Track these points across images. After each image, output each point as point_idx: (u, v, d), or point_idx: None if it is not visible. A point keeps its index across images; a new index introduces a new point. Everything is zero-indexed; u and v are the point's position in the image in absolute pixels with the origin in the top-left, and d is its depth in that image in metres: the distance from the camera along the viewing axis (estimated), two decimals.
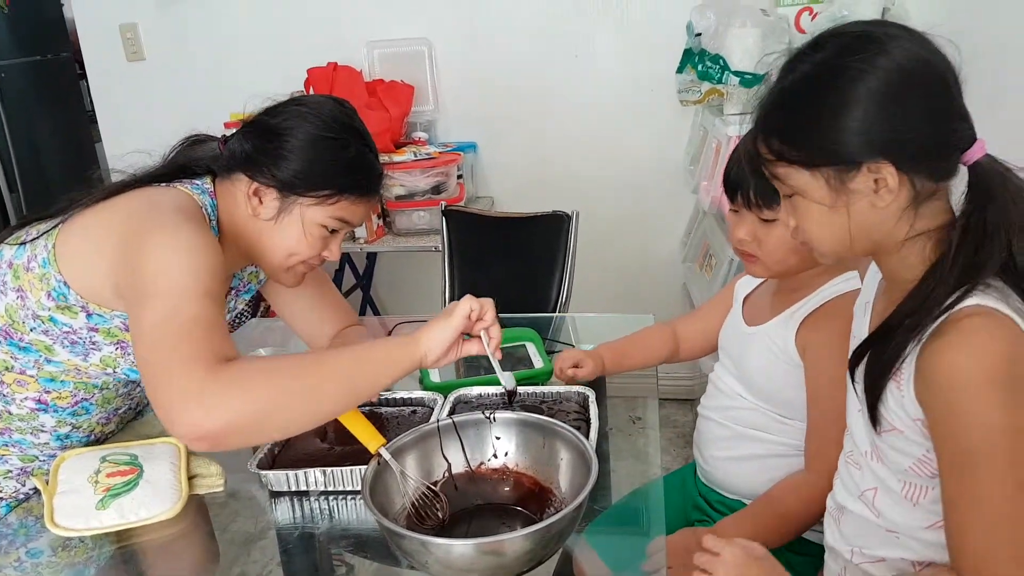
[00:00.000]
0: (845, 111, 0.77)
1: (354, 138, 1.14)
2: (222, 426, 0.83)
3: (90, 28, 2.84)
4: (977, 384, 0.74)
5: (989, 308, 0.76)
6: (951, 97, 0.78)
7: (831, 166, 0.79)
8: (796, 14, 2.13)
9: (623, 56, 2.49)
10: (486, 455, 1.08)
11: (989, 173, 0.78)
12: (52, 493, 1.07)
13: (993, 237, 0.77)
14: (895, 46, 0.77)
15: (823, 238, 0.84)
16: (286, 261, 1.16)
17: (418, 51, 2.61)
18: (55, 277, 1.06)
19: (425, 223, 2.43)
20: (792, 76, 0.81)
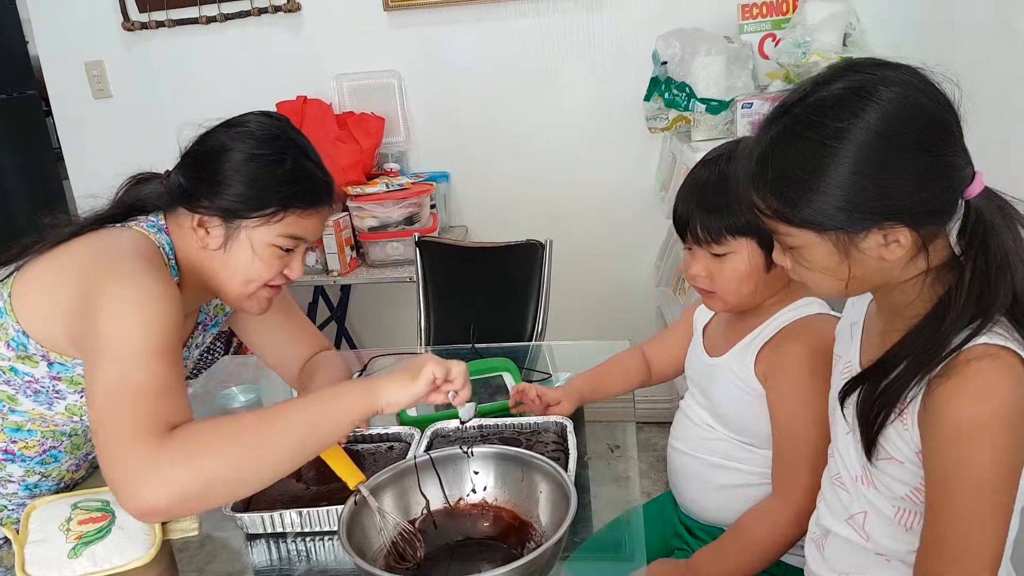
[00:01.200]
0: (848, 175, 0.74)
1: (289, 149, 1.10)
2: (169, 501, 0.83)
3: (56, 66, 2.82)
4: (982, 429, 0.75)
5: (997, 347, 0.76)
6: (955, 144, 0.77)
7: (840, 231, 0.77)
8: (759, 41, 2.18)
9: (591, 85, 2.52)
10: (464, 490, 1.08)
11: (989, 207, 0.77)
12: (23, 542, 1.04)
13: (1000, 272, 0.76)
14: (891, 96, 0.74)
15: (822, 285, 0.84)
16: (245, 288, 1.12)
17: (387, 83, 2.62)
18: (13, 327, 1.04)
19: (399, 254, 2.42)
20: (783, 129, 0.77)
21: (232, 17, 2.63)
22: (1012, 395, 0.75)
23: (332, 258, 2.38)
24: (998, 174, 1.07)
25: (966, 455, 0.76)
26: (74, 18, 2.73)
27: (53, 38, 2.79)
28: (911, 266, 0.79)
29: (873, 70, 0.77)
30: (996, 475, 0.76)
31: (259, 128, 1.10)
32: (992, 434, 0.75)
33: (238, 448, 0.87)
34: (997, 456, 0.76)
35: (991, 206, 0.78)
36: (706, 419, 1.22)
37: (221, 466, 0.86)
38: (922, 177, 0.74)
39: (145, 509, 0.83)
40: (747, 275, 1.10)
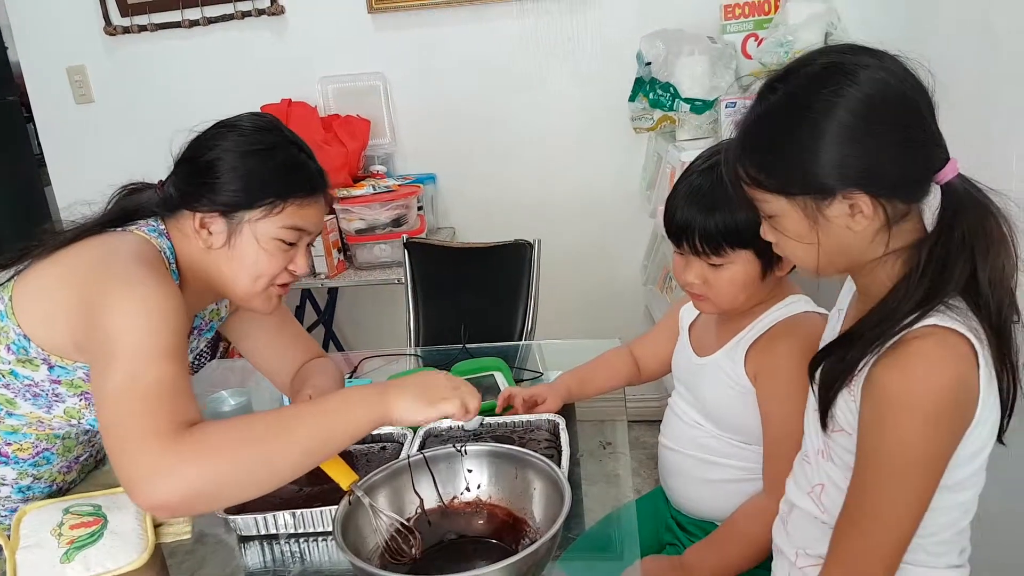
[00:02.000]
0: (818, 144, 0.78)
1: (281, 142, 1.12)
2: (180, 498, 0.84)
3: (37, 71, 2.80)
4: (911, 407, 0.78)
5: (945, 328, 0.78)
6: (924, 123, 0.80)
7: (807, 195, 0.81)
8: (742, 40, 2.20)
9: (576, 86, 2.53)
10: (458, 489, 1.08)
11: (961, 193, 0.80)
12: (14, 548, 1.04)
13: (958, 256, 0.79)
14: (866, 76, 0.78)
15: (801, 256, 0.87)
16: (253, 286, 1.13)
17: (372, 85, 2.62)
18: (14, 330, 1.04)
19: (387, 256, 2.42)
20: (766, 104, 0.83)
21: (215, 21, 2.62)
22: (948, 377, 0.77)
23: (319, 261, 2.37)
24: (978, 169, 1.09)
25: (892, 430, 0.78)
26: (55, 23, 2.71)
27: (34, 43, 2.76)
28: (878, 241, 0.82)
29: (852, 52, 0.82)
30: (920, 454, 0.78)
31: (250, 125, 1.11)
32: (921, 413, 0.77)
33: (252, 450, 0.87)
34: (922, 435, 0.78)
35: (965, 193, 0.80)
36: (695, 416, 1.23)
37: (234, 467, 0.86)
38: (886, 150, 0.78)
39: (158, 504, 0.84)
40: (743, 284, 1.11)
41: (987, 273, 0.79)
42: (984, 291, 0.79)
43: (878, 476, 0.80)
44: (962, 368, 0.78)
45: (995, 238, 0.80)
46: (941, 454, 0.79)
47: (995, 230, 0.80)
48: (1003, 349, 0.81)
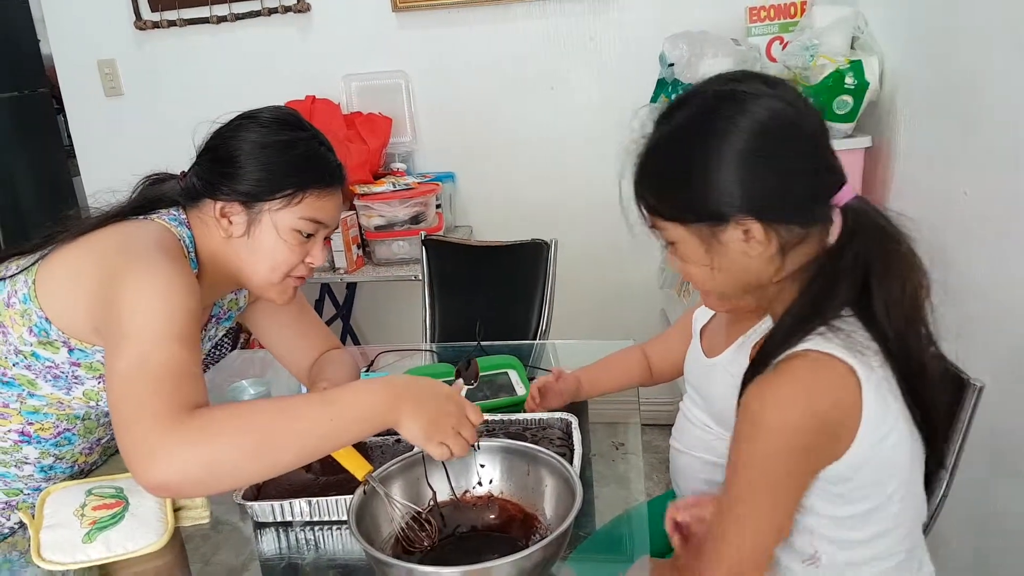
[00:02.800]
0: (709, 171, 0.79)
1: (301, 135, 1.13)
2: (183, 478, 0.85)
3: (68, 64, 2.85)
4: (769, 431, 0.77)
5: (819, 353, 0.78)
6: (815, 150, 0.81)
7: (701, 222, 0.82)
8: (767, 43, 2.19)
9: (598, 87, 2.54)
10: (471, 483, 1.09)
11: (859, 216, 0.80)
12: (38, 527, 1.06)
13: (844, 278, 0.79)
14: (757, 104, 0.79)
15: (702, 283, 0.88)
16: (271, 276, 1.15)
17: (395, 83, 2.64)
18: (36, 313, 1.06)
19: (404, 253, 2.44)
20: (660, 133, 0.84)
21: (243, 17, 2.65)
22: (815, 402, 0.76)
23: (339, 256, 2.40)
24: (1008, 178, 1.07)
25: (748, 448, 0.79)
26: (87, 17, 2.76)
27: (66, 37, 2.82)
28: (776, 266, 0.82)
29: (744, 80, 0.82)
30: (774, 475, 0.78)
31: (271, 116, 1.13)
32: (781, 436, 0.77)
33: (252, 437, 0.88)
34: (781, 458, 0.78)
35: (864, 215, 0.80)
36: (704, 419, 1.23)
37: (234, 453, 0.87)
38: (776, 177, 0.79)
39: (158, 483, 0.85)
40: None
41: (884, 296, 0.78)
42: (880, 313, 0.79)
43: (735, 492, 0.81)
44: (835, 393, 0.77)
45: (895, 260, 0.80)
46: (797, 477, 0.79)
47: (895, 252, 0.80)
48: (905, 371, 0.80)
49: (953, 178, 1.63)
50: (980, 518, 1.51)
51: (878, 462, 0.82)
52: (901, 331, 0.79)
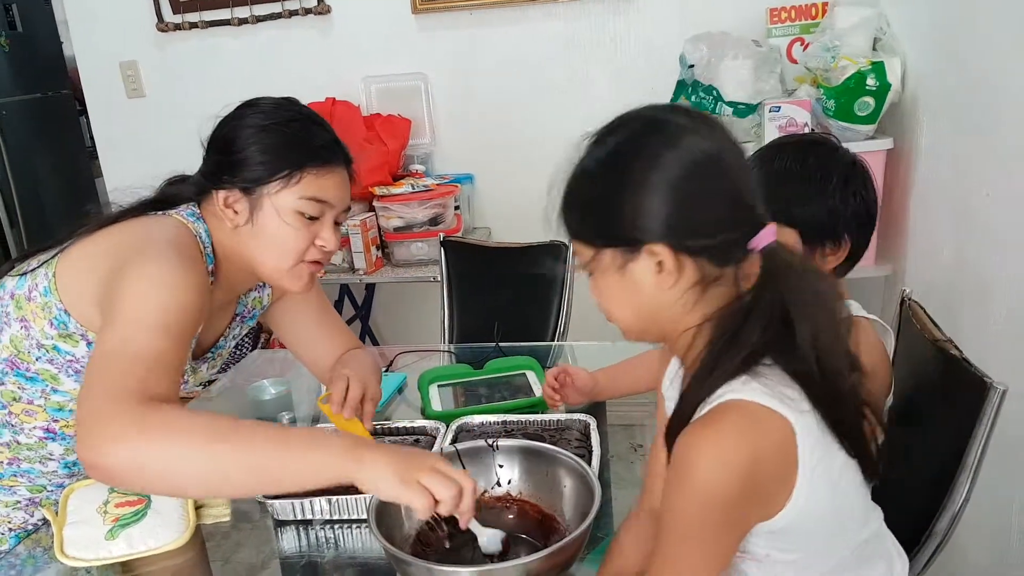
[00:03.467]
0: (627, 196, 0.78)
1: (295, 116, 1.12)
2: (114, 464, 0.83)
3: (91, 65, 2.89)
4: (694, 487, 0.75)
5: (754, 404, 0.76)
6: (733, 187, 0.80)
7: (616, 247, 0.81)
8: (788, 45, 2.18)
9: (617, 88, 2.53)
10: (490, 483, 1.09)
11: (777, 259, 0.79)
12: (61, 524, 1.07)
13: (758, 322, 0.77)
14: (684, 138, 0.79)
15: (616, 314, 0.86)
16: (281, 262, 1.13)
17: (414, 85, 2.65)
18: (56, 305, 1.07)
19: (423, 254, 2.45)
20: (588, 156, 0.84)
21: (263, 19, 2.67)
22: (745, 457, 0.74)
23: (358, 257, 2.41)
24: None
25: (679, 499, 0.77)
26: (110, 19, 2.80)
27: (89, 38, 2.85)
28: (689, 305, 0.80)
29: (672, 112, 0.83)
30: (704, 529, 0.76)
31: (268, 102, 1.13)
32: (712, 492, 0.75)
33: (204, 451, 0.85)
34: (706, 512, 0.76)
35: (781, 260, 0.79)
36: None
37: (179, 459, 0.84)
38: (692, 208, 0.78)
39: (98, 463, 0.83)
40: None
41: (807, 338, 0.77)
42: (805, 356, 0.77)
43: (667, 541, 0.79)
44: (762, 442, 0.75)
45: (814, 303, 0.78)
46: (732, 525, 0.77)
47: (814, 295, 0.79)
48: (836, 414, 0.78)
49: (975, 180, 1.61)
50: (1001, 527, 1.49)
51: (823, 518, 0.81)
52: (828, 372, 0.77)
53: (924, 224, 1.91)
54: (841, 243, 1.11)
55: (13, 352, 1.10)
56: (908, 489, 1.06)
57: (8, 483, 1.18)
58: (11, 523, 1.19)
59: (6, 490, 1.18)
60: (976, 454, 1.03)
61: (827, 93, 1.99)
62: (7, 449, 1.16)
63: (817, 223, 1.08)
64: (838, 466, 0.79)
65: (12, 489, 1.18)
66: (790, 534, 0.80)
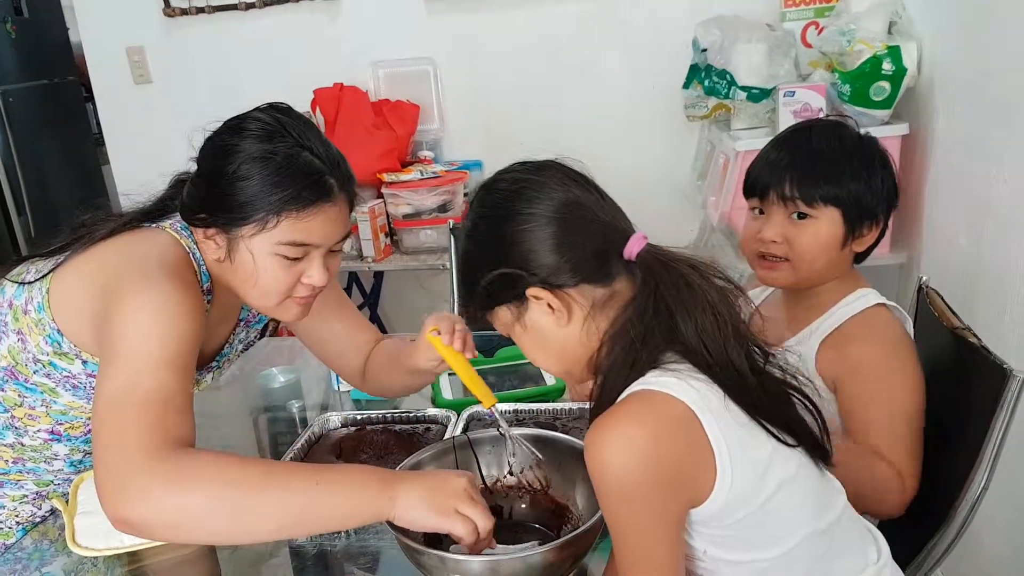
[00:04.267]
0: (487, 256, 0.85)
1: (280, 145, 0.99)
2: (147, 518, 0.82)
3: (97, 52, 2.87)
4: (610, 477, 0.76)
5: (638, 391, 0.78)
6: (589, 213, 0.84)
7: (505, 304, 0.85)
8: (802, 29, 2.15)
9: (628, 73, 2.51)
10: (502, 472, 1.08)
11: (650, 262, 0.82)
12: (72, 514, 1.07)
13: (649, 323, 0.80)
14: (524, 185, 0.86)
15: (541, 362, 0.91)
16: (264, 301, 1.06)
17: (423, 70, 2.63)
18: (49, 324, 1.03)
19: (432, 241, 2.44)
20: (471, 216, 0.89)
21: (270, 4, 2.65)
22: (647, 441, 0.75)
23: (367, 244, 2.40)
24: None
25: (601, 497, 0.79)
26: (116, 4, 2.78)
27: (95, 24, 2.84)
28: (591, 329, 0.83)
29: (526, 169, 0.89)
30: (635, 519, 0.77)
31: (255, 127, 1.01)
32: (625, 482, 0.76)
33: (233, 492, 0.83)
34: (629, 504, 0.77)
35: (655, 260, 0.82)
36: None
37: (209, 505, 0.83)
38: (551, 244, 0.82)
39: (125, 519, 0.82)
40: (826, 245, 1.10)
41: (693, 331, 0.79)
42: (696, 349, 0.79)
43: (617, 540, 0.80)
44: (661, 423, 0.76)
45: (694, 296, 0.80)
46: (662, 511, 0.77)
47: (694, 288, 0.81)
48: (746, 400, 0.78)
49: (992, 166, 1.59)
50: (1018, 515, 1.48)
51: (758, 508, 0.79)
52: (724, 360, 0.79)
53: (940, 211, 1.89)
54: (877, 222, 1.12)
55: (11, 362, 1.07)
56: (925, 478, 1.06)
57: (15, 478, 1.17)
58: (19, 517, 1.18)
59: (13, 484, 1.17)
60: (995, 443, 1.02)
61: (842, 78, 1.96)
62: (11, 450, 1.14)
63: (858, 202, 1.09)
64: (766, 455, 0.79)
65: (19, 484, 1.17)
66: (729, 526, 0.79)
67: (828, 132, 1.14)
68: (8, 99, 4.26)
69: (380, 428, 1.29)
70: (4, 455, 1.14)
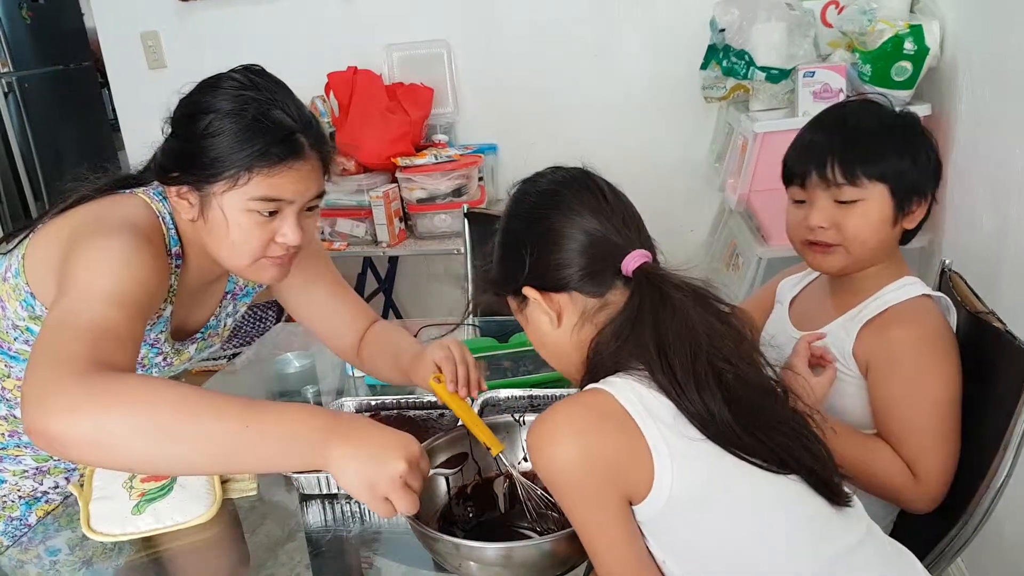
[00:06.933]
0: (504, 250, 0.91)
1: (251, 103, 1.00)
2: (62, 435, 0.77)
3: (112, 37, 2.87)
4: (550, 472, 0.81)
5: (592, 389, 0.81)
6: (600, 237, 0.85)
7: (511, 294, 0.90)
8: (822, 8, 2.11)
9: (645, 54, 2.47)
10: (517, 458, 1.07)
11: (641, 281, 0.83)
12: (88, 499, 1.08)
13: (626, 337, 0.82)
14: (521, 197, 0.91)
15: (541, 353, 0.93)
16: (237, 260, 1.05)
17: (437, 53, 2.61)
18: (24, 288, 1.04)
19: (446, 226, 2.43)
20: (506, 205, 0.94)
21: None
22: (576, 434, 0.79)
23: (381, 229, 2.39)
24: None
25: (554, 492, 0.82)
26: None
27: (109, 9, 2.84)
28: (579, 332, 0.86)
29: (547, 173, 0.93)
30: (586, 510, 0.80)
31: (229, 84, 1.01)
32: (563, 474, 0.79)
33: (156, 415, 0.79)
34: (575, 494, 0.80)
35: (650, 276, 0.83)
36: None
37: (128, 425, 0.78)
38: (552, 252, 0.85)
39: (47, 433, 0.78)
40: (878, 224, 1.06)
41: (663, 351, 0.80)
42: (658, 367, 0.79)
43: (578, 534, 0.82)
44: (587, 413, 0.80)
45: (674, 318, 0.81)
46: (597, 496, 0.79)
47: (674, 312, 0.81)
48: (713, 429, 0.78)
49: (1017, 147, 1.56)
50: None
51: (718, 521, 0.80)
52: (691, 390, 0.78)
53: (962, 193, 1.85)
54: (924, 197, 1.09)
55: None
56: None
57: (13, 452, 1.18)
58: (20, 491, 1.20)
59: (12, 459, 1.18)
60: (1020, 429, 1.00)
61: (863, 58, 1.93)
62: (5, 423, 1.15)
63: (904, 176, 1.06)
64: (726, 470, 0.78)
65: (18, 459, 1.18)
66: (678, 531, 0.80)
67: (864, 110, 1.11)
68: (24, 85, 4.27)
69: (394, 414, 1.28)
70: (0, 428, 1.16)
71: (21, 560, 1.06)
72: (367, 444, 0.82)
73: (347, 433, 0.82)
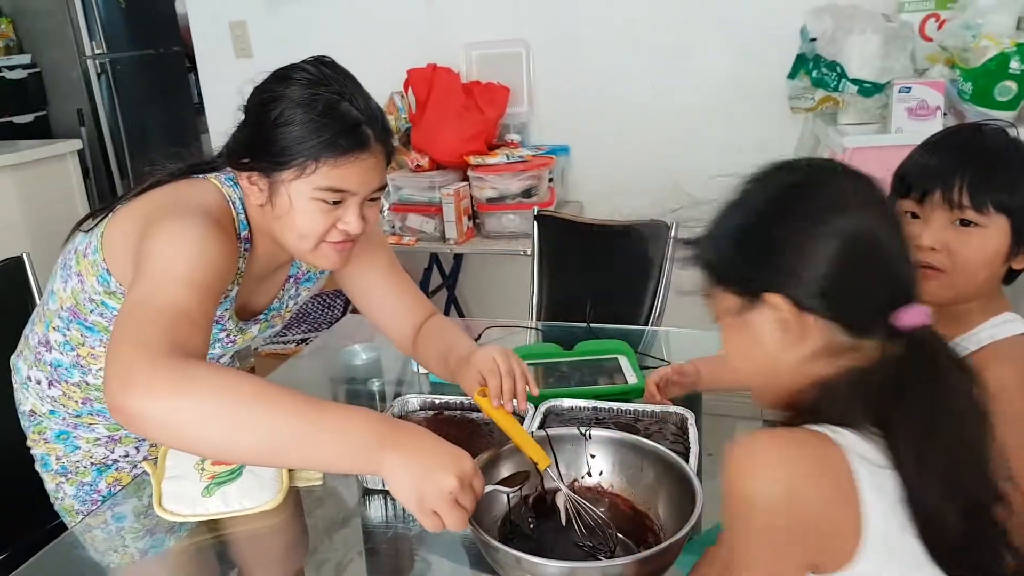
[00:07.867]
0: (763, 239, 0.75)
1: (321, 95, 1.03)
2: (140, 414, 0.81)
3: (202, 24, 2.96)
4: (741, 503, 0.69)
5: (795, 429, 0.71)
6: (884, 262, 0.73)
7: (737, 291, 0.76)
8: (921, 20, 2.02)
9: (728, 60, 2.41)
10: (580, 472, 1.05)
11: (915, 344, 0.71)
12: (160, 478, 1.11)
13: (864, 398, 0.70)
14: (844, 203, 0.74)
15: (736, 363, 0.81)
16: (300, 243, 1.08)
17: (515, 53, 2.60)
18: (100, 264, 1.10)
19: (514, 226, 2.42)
20: (750, 192, 0.80)
21: None
22: (785, 475, 0.68)
23: (450, 226, 2.40)
24: None
25: (730, 521, 0.72)
26: None
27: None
28: (809, 368, 0.74)
29: (846, 176, 0.78)
30: (758, 552, 0.70)
31: (299, 77, 1.04)
32: (755, 512, 0.69)
33: (227, 405, 0.82)
34: (757, 535, 0.70)
35: (923, 350, 0.71)
36: None
37: (200, 411, 0.82)
38: (827, 265, 0.72)
39: (126, 410, 0.82)
40: (992, 257, 1.00)
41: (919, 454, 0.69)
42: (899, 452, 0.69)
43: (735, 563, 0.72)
44: (803, 461, 0.68)
45: (938, 404, 0.70)
46: (789, 558, 0.69)
47: (942, 397, 0.71)
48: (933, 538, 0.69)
49: None
50: None
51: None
52: (930, 495, 0.68)
53: None
54: None
55: (73, 303, 1.14)
56: None
57: (87, 420, 1.25)
58: (93, 458, 1.27)
59: (85, 427, 1.25)
60: None
61: (964, 75, 1.83)
62: (79, 389, 1.21)
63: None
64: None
65: (91, 427, 1.25)
66: None
67: (1001, 135, 1.03)
68: (116, 67, 4.44)
69: (457, 414, 1.28)
70: (74, 395, 1.22)
71: (90, 524, 1.11)
72: (420, 455, 0.84)
73: (404, 443, 0.85)
